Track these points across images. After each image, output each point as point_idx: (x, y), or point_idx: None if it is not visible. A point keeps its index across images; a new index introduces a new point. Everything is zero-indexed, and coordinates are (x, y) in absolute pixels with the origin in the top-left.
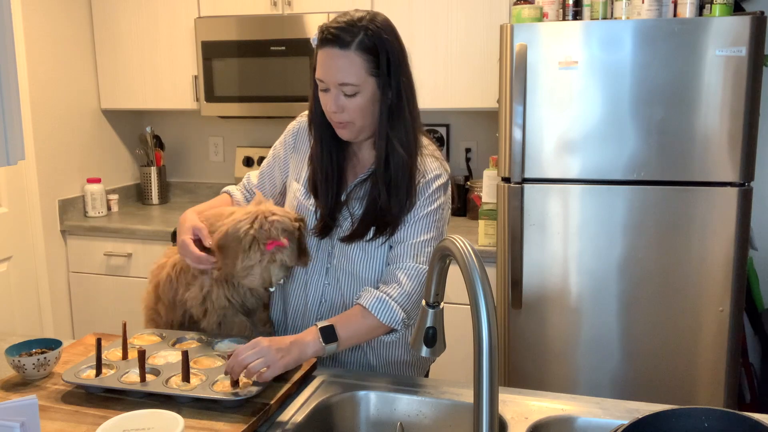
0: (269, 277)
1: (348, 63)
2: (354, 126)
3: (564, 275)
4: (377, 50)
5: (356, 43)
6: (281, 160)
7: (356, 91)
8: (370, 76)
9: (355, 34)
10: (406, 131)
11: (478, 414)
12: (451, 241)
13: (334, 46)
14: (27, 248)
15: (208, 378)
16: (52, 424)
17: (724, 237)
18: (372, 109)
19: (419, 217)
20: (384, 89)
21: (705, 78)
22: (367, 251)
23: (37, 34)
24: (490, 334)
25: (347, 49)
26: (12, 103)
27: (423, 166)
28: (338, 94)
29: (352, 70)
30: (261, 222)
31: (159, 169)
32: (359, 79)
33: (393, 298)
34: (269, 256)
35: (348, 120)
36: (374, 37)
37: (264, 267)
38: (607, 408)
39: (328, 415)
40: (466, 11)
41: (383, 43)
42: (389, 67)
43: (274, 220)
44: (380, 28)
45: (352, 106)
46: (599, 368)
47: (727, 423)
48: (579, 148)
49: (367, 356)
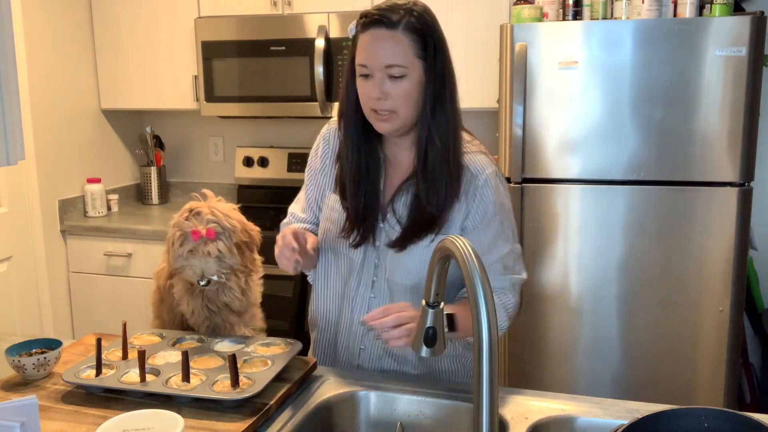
0: (200, 270)
1: (395, 43)
2: (396, 117)
3: (564, 275)
4: (424, 32)
5: (404, 23)
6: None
7: (403, 74)
8: (417, 58)
9: (402, 15)
10: (446, 122)
11: (478, 414)
12: (451, 241)
13: (380, 26)
14: (27, 248)
15: (208, 378)
16: (52, 424)
17: (724, 237)
18: (416, 97)
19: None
20: (429, 75)
21: (705, 78)
22: (419, 257)
23: (37, 34)
24: (490, 334)
25: (395, 29)
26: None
27: (473, 164)
28: (383, 79)
29: (400, 50)
30: (187, 214)
31: (159, 169)
32: (407, 60)
33: (504, 306)
34: (196, 246)
35: (391, 108)
36: (420, 19)
37: (196, 258)
38: (607, 408)
39: (328, 415)
40: (466, 11)
41: (428, 25)
42: (435, 51)
43: (200, 211)
44: (424, 12)
45: (397, 91)
46: (599, 368)
47: (727, 423)
48: (579, 148)
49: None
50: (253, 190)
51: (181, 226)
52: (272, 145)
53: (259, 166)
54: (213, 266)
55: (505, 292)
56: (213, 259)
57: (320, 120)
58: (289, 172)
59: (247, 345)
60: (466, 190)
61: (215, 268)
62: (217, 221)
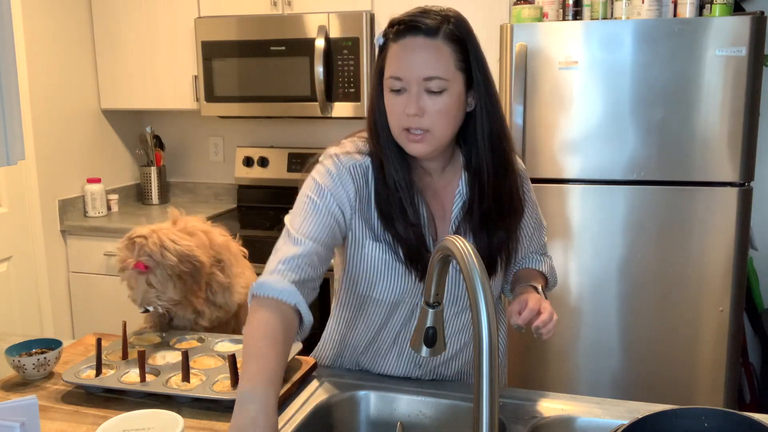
0: (138, 299)
1: (437, 53)
2: (432, 137)
3: (564, 275)
4: (464, 41)
5: (444, 30)
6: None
7: (443, 88)
8: (459, 70)
9: (441, 21)
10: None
11: (478, 414)
12: (451, 241)
13: (417, 34)
14: (27, 248)
15: (208, 378)
16: (52, 424)
17: (724, 237)
18: (455, 115)
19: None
20: (470, 90)
21: (705, 78)
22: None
23: (37, 34)
24: (490, 334)
25: (434, 37)
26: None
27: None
28: (420, 93)
29: (442, 60)
30: (126, 242)
31: (159, 169)
32: (448, 73)
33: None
34: (130, 276)
35: (427, 127)
36: (460, 27)
37: (130, 286)
38: (607, 408)
39: (328, 415)
40: (466, 11)
41: (469, 34)
42: (478, 63)
43: (135, 242)
44: (463, 21)
45: (435, 107)
46: (599, 368)
47: (727, 423)
48: (579, 148)
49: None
50: (253, 190)
51: (119, 254)
52: (272, 145)
53: (259, 166)
54: (151, 297)
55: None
56: (144, 290)
57: (320, 120)
58: (289, 172)
59: None
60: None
61: (153, 299)
62: (150, 254)
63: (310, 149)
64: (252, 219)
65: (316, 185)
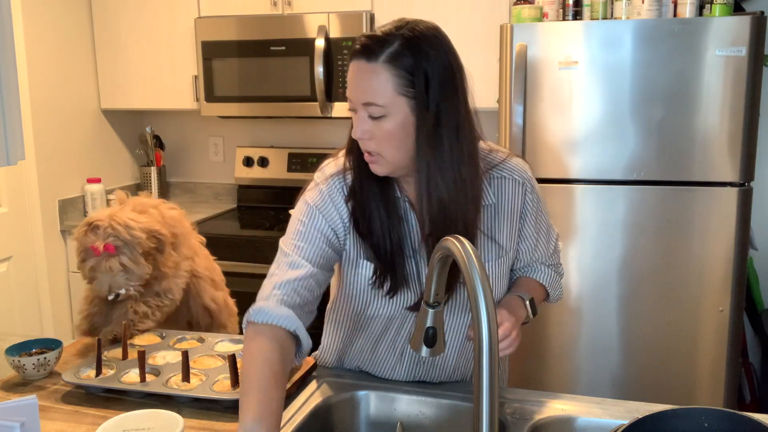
0: (107, 285)
1: (373, 78)
2: (384, 160)
3: (564, 275)
4: (413, 65)
5: (386, 54)
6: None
7: (382, 114)
8: (401, 95)
9: (387, 44)
10: (441, 167)
11: (478, 414)
12: (451, 241)
13: (360, 57)
14: (27, 248)
15: (208, 378)
16: (52, 424)
17: (724, 237)
18: (403, 139)
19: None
20: (419, 113)
21: (705, 78)
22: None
23: (37, 34)
24: (490, 334)
25: (374, 61)
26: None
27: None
28: (364, 117)
29: (378, 87)
30: (85, 228)
31: (159, 169)
32: (386, 99)
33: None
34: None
35: (376, 150)
36: (410, 48)
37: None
38: (607, 408)
39: (328, 415)
40: (466, 11)
41: (423, 57)
42: (427, 85)
43: (98, 225)
44: (420, 38)
45: (380, 132)
46: (599, 368)
47: (727, 423)
48: (579, 148)
49: None
50: (253, 190)
51: (81, 242)
52: (272, 145)
53: (259, 166)
54: (120, 280)
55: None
56: (119, 272)
57: (320, 120)
58: (289, 172)
59: None
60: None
61: (123, 282)
62: (117, 234)
63: (310, 149)
64: (252, 219)
65: (308, 209)
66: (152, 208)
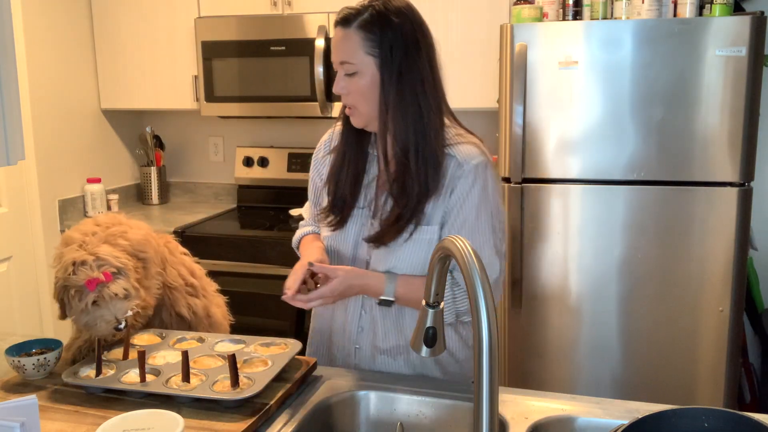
0: (112, 317)
1: (346, 41)
2: (358, 111)
3: (564, 275)
4: (380, 30)
5: (358, 21)
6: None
7: (354, 71)
8: (368, 55)
9: (360, 14)
10: (408, 118)
11: (478, 414)
12: (451, 241)
13: (338, 25)
14: (27, 248)
15: (208, 378)
16: (52, 424)
17: (724, 237)
18: (374, 94)
19: (468, 216)
20: (385, 71)
21: (705, 78)
22: (402, 252)
23: (37, 34)
24: (490, 334)
25: (348, 27)
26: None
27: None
28: (342, 75)
29: (350, 48)
30: (68, 268)
31: (159, 169)
32: (357, 59)
33: (455, 300)
34: (96, 295)
35: (352, 104)
36: (378, 17)
37: (101, 309)
38: (607, 408)
39: (328, 415)
40: (466, 11)
41: (388, 23)
42: (392, 48)
43: (85, 260)
44: (390, 9)
45: (353, 87)
46: (599, 368)
47: (727, 423)
48: (579, 148)
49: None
50: (253, 190)
51: (73, 283)
52: (272, 145)
53: (259, 166)
54: (123, 306)
55: (461, 289)
56: (119, 300)
57: (320, 120)
58: (289, 172)
59: (247, 345)
60: (446, 182)
61: (126, 307)
62: (106, 263)
63: (310, 149)
64: (252, 219)
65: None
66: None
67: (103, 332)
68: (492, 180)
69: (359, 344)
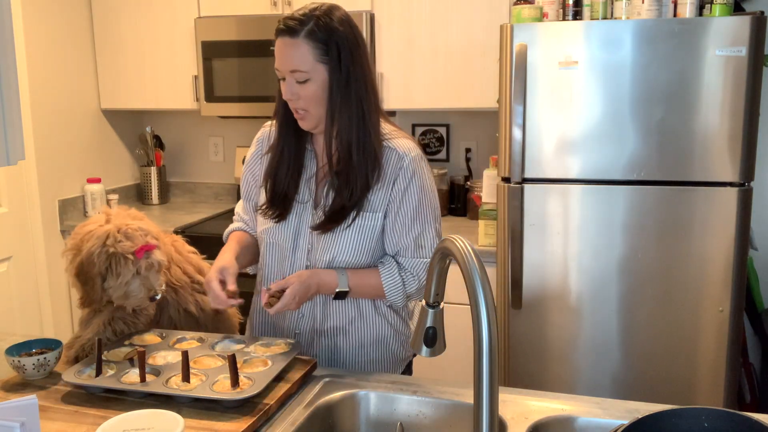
0: (151, 285)
1: (296, 50)
2: (310, 115)
3: (564, 275)
4: (327, 38)
5: (305, 31)
6: (254, 173)
7: (307, 78)
8: (319, 63)
9: (305, 24)
10: (352, 118)
11: (478, 414)
12: (451, 241)
13: (284, 35)
14: (27, 248)
15: (208, 378)
16: (52, 424)
17: (724, 237)
18: (325, 98)
19: (411, 204)
20: (334, 75)
21: (705, 78)
22: (344, 238)
23: (37, 34)
24: (490, 334)
25: (296, 37)
26: (12, 103)
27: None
28: (292, 82)
29: (301, 57)
30: (115, 237)
31: (159, 169)
32: (308, 66)
33: (404, 283)
34: (144, 264)
35: (303, 108)
36: (324, 27)
37: (143, 276)
38: (607, 408)
39: (328, 415)
40: (466, 11)
41: (333, 32)
42: (339, 53)
43: (128, 227)
44: (333, 19)
45: (304, 93)
46: (599, 368)
47: (727, 423)
48: (579, 148)
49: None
50: None
51: (124, 249)
52: None
53: None
54: (159, 277)
55: (408, 272)
56: (154, 272)
57: None
58: None
59: (247, 345)
60: (388, 173)
61: (160, 279)
62: (148, 232)
63: None
64: None
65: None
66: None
67: (140, 302)
68: (428, 170)
69: (300, 329)
